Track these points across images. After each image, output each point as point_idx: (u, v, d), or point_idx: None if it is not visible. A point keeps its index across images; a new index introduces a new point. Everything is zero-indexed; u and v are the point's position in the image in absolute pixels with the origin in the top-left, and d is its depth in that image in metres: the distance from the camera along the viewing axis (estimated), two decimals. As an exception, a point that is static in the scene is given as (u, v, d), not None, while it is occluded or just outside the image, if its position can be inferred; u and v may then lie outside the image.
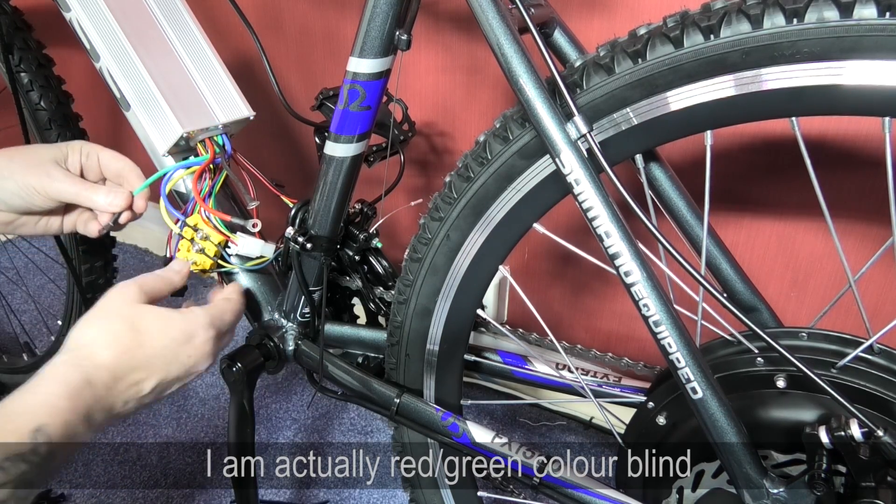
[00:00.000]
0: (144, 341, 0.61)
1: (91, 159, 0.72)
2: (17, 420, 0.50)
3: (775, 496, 0.56)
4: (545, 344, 0.81)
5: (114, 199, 0.71)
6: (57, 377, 0.54)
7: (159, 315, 0.63)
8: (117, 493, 1.19)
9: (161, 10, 0.79)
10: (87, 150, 0.72)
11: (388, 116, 0.84)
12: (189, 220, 0.74)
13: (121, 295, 0.63)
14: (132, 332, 0.60)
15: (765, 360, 0.61)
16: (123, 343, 0.59)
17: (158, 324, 0.62)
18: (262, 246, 0.75)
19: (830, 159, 0.89)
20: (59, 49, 1.13)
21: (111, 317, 0.61)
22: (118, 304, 0.62)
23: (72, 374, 0.55)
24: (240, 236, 0.74)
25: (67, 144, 0.71)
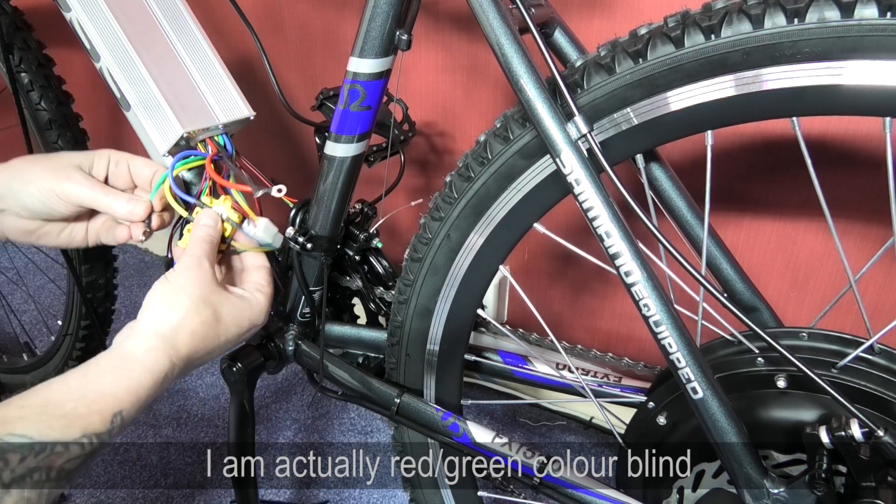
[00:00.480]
0: (221, 332, 0.62)
1: (120, 167, 0.70)
2: (103, 402, 0.51)
3: (776, 496, 0.56)
4: (545, 344, 0.81)
5: (134, 207, 0.68)
6: (147, 365, 0.55)
7: (235, 305, 0.64)
8: (117, 493, 1.19)
9: (161, 10, 0.79)
10: (116, 158, 0.70)
11: (389, 116, 0.84)
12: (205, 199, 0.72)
13: (201, 275, 0.62)
14: (215, 323, 0.61)
15: (765, 360, 0.61)
16: (206, 332, 0.60)
17: (234, 314, 0.63)
18: (276, 233, 0.74)
19: (830, 159, 0.89)
20: (59, 49, 1.12)
21: (198, 303, 0.60)
22: (202, 287, 0.61)
23: (161, 363, 0.56)
24: (260, 218, 0.73)
25: (95, 152, 0.69)
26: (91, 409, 0.50)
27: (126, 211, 0.68)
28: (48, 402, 0.49)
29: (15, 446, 0.46)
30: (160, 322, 0.58)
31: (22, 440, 0.46)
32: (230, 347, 0.65)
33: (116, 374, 0.53)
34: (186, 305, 0.59)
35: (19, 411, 0.48)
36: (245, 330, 0.65)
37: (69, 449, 0.48)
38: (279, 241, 0.75)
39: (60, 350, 1.29)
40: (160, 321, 0.58)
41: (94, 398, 0.51)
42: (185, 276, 0.61)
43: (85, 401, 0.50)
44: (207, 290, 0.61)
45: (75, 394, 0.51)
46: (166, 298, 0.60)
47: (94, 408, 0.50)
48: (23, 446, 0.46)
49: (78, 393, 0.51)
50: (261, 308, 0.66)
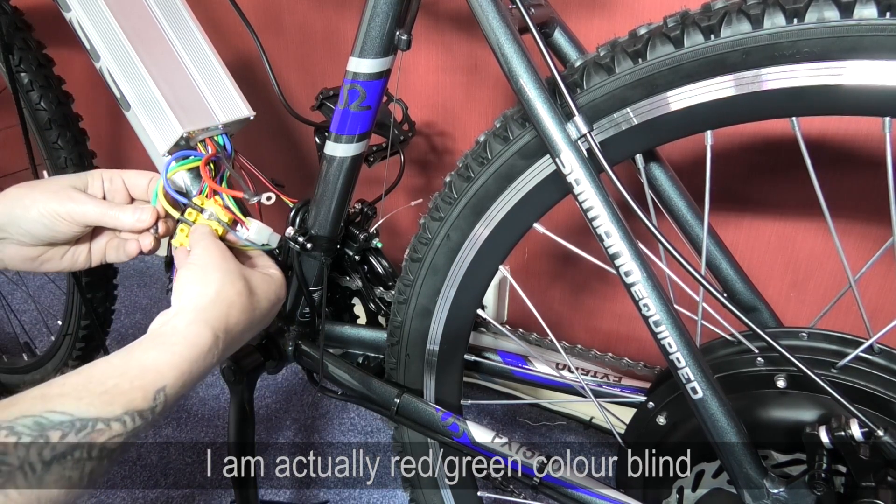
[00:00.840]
0: (255, 304, 0.62)
1: (115, 183, 0.70)
2: (145, 377, 0.50)
3: (775, 496, 0.56)
4: (545, 344, 0.81)
5: (140, 214, 0.68)
6: (190, 339, 0.54)
7: (262, 279, 0.65)
8: (117, 493, 1.19)
9: (161, 9, 0.79)
10: (108, 175, 0.69)
11: (388, 116, 0.84)
12: (196, 200, 0.72)
13: (223, 251, 0.63)
14: (250, 295, 0.61)
15: (765, 360, 0.61)
16: (243, 304, 0.60)
17: (264, 287, 0.64)
18: (271, 234, 0.74)
19: (830, 159, 0.89)
20: (59, 49, 1.12)
21: (231, 274, 0.60)
22: (230, 261, 0.62)
23: (204, 335, 0.55)
24: (252, 221, 0.73)
25: (87, 173, 0.69)
26: (133, 385, 0.49)
27: (134, 219, 0.68)
28: (90, 379, 0.48)
29: (55, 423, 0.45)
30: (199, 297, 0.58)
31: (63, 417, 0.45)
32: (265, 323, 0.65)
33: (159, 350, 0.52)
34: (220, 278, 0.59)
35: (60, 388, 0.47)
36: (273, 303, 0.65)
37: (111, 426, 0.47)
38: (275, 240, 0.75)
39: (60, 350, 1.29)
40: (198, 297, 0.58)
41: (136, 374, 0.50)
42: (208, 254, 0.62)
43: (127, 377, 0.49)
44: (234, 265, 0.62)
45: (117, 370, 0.50)
46: (198, 277, 0.60)
47: (137, 384, 0.49)
48: (63, 423, 0.45)
49: (120, 370, 0.50)
50: (281, 282, 0.67)
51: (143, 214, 0.68)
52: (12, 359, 1.42)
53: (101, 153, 1.20)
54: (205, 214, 0.71)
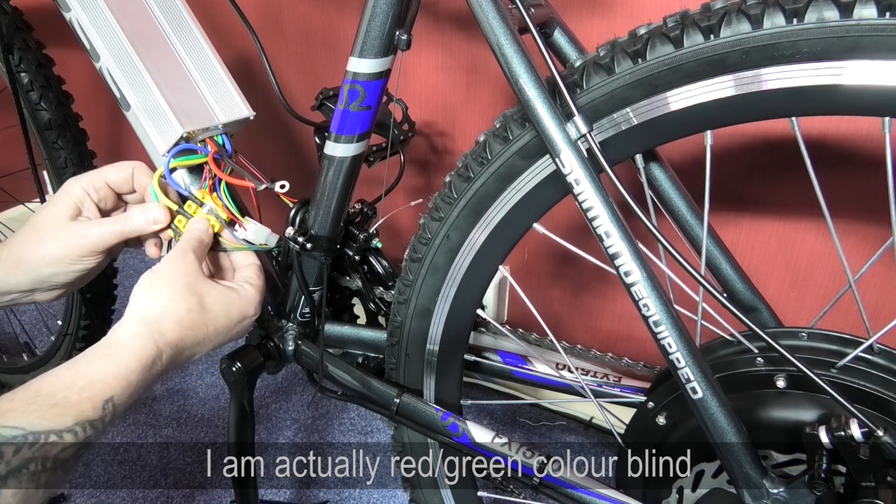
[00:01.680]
0: (208, 320, 0.62)
1: (101, 191, 0.69)
2: (93, 388, 0.51)
3: (775, 496, 0.56)
4: (545, 344, 0.81)
5: (150, 213, 0.68)
6: (134, 350, 0.55)
7: (222, 294, 0.64)
8: (117, 493, 1.19)
9: (161, 10, 0.79)
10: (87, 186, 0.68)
11: (388, 116, 0.84)
12: (197, 194, 0.71)
13: (185, 266, 0.63)
14: (200, 311, 0.61)
15: (765, 360, 0.61)
16: (192, 320, 0.60)
17: (222, 303, 0.63)
18: (269, 235, 0.74)
19: (830, 159, 0.89)
20: (59, 49, 1.12)
21: (182, 290, 0.61)
22: (186, 277, 0.62)
23: (147, 348, 0.56)
24: (249, 221, 0.73)
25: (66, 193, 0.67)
26: (82, 397, 0.50)
27: (151, 220, 0.68)
28: (39, 392, 0.49)
29: (8, 438, 0.46)
30: (145, 309, 0.59)
31: (15, 432, 0.46)
32: (223, 339, 0.65)
33: (104, 362, 0.54)
34: (170, 293, 0.60)
35: (10, 404, 0.48)
36: (235, 321, 0.65)
37: (63, 438, 0.48)
38: (273, 240, 0.75)
39: (60, 350, 1.29)
40: (145, 309, 0.59)
41: (84, 385, 0.51)
42: (169, 266, 0.62)
43: (75, 388, 0.50)
44: (192, 279, 0.62)
45: (65, 383, 0.51)
46: (150, 287, 0.61)
47: (85, 395, 0.50)
48: (16, 437, 0.46)
49: (67, 382, 0.51)
50: (250, 299, 0.67)
51: (154, 213, 0.68)
52: (12, 359, 1.42)
53: (101, 153, 1.20)
54: (204, 209, 0.71)
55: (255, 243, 0.73)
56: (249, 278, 0.69)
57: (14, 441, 0.46)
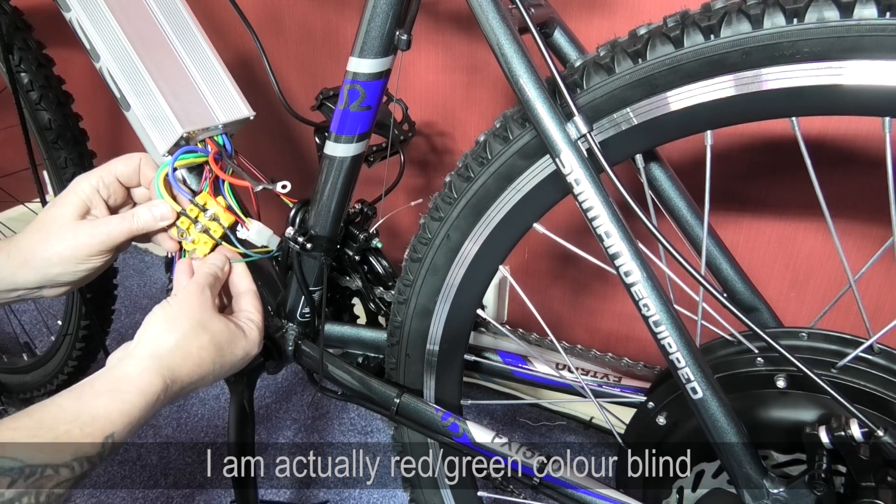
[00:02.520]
0: (216, 358, 0.62)
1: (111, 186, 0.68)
2: (94, 424, 0.51)
3: (775, 496, 0.56)
4: (545, 344, 0.81)
5: (157, 211, 0.68)
6: (141, 387, 0.55)
7: (232, 334, 0.64)
8: (117, 493, 1.19)
9: (161, 10, 0.79)
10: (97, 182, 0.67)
11: (388, 116, 0.84)
12: (198, 199, 0.71)
13: (201, 301, 0.63)
14: (211, 349, 0.61)
15: (765, 360, 0.61)
16: (202, 357, 0.61)
17: (230, 343, 0.64)
18: (270, 236, 0.74)
19: (830, 159, 0.89)
20: (59, 49, 1.12)
21: (196, 327, 0.61)
22: (201, 313, 0.62)
23: (154, 384, 0.56)
24: (252, 221, 0.73)
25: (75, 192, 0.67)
26: (84, 433, 0.50)
27: (158, 216, 0.68)
28: (41, 424, 0.49)
29: (6, 470, 0.46)
30: (157, 343, 0.59)
31: (13, 464, 0.46)
32: (225, 374, 0.65)
33: (111, 396, 0.53)
34: (184, 329, 0.60)
35: (11, 433, 0.48)
36: (239, 359, 0.65)
37: (59, 473, 0.48)
38: (274, 242, 0.75)
39: (60, 350, 1.29)
40: (157, 342, 0.59)
41: (87, 420, 0.51)
42: (186, 300, 0.62)
43: (77, 423, 0.50)
44: (207, 316, 0.62)
45: (68, 416, 0.50)
46: (165, 321, 0.60)
47: (87, 430, 0.50)
48: (13, 470, 0.46)
49: (71, 415, 0.51)
50: (254, 339, 0.67)
51: (160, 210, 0.69)
52: (12, 359, 1.42)
53: (101, 153, 1.20)
54: (206, 214, 0.71)
55: (257, 244, 0.73)
56: (250, 313, 0.69)
57: (10, 473, 0.46)
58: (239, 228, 0.72)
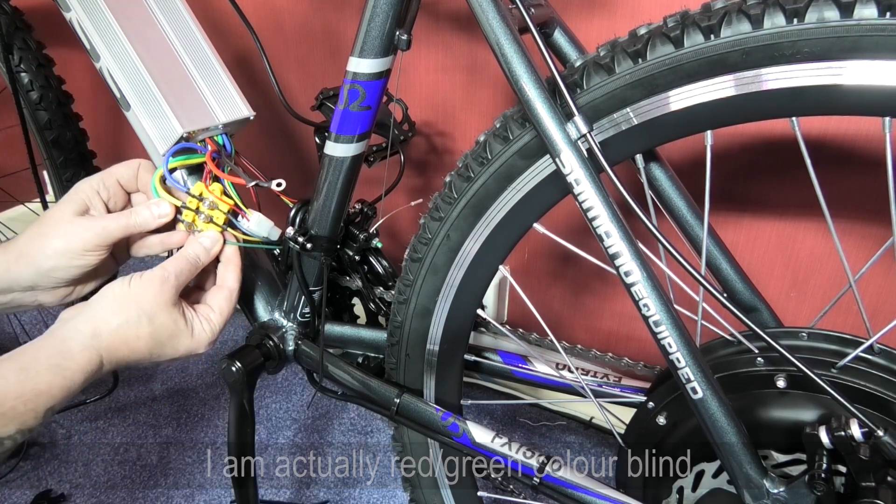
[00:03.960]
0: (153, 348, 0.64)
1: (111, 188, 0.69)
2: (37, 400, 0.54)
3: (775, 496, 0.56)
4: (545, 344, 0.81)
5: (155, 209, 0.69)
6: (82, 364, 0.58)
7: (177, 330, 0.65)
8: (117, 493, 1.19)
9: (161, 10, 0.79)
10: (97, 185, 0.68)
11: (388, 116, 0.84)
12: (193, 190, 0.71)
13: (158, 292, 0.63)
14: (149, 340, 0.63)
15: (765, 360, 0.61)
16: (138, 347, 0.62)
17: (174, 339, 0.65)
18: (272, 227, 0.75)
19: (830, 159, 0.89)
20: (59, 49, 1.13)
21: (141, 317, 0.62)
22: (152, 304, 0.63)
23: (93, 362, 0.59)
24: (252, 212, 0.73)
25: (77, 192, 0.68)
26: (27, 408, 0.53)
27: (156, 214, 0.69)
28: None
29: None
30: (103, 320, 0.60)
31: None
32: (164, 362, 0.67)
33: (53, 372, 0.56)
34: (129, 315, 0.61)
35: None
36: (179, 354, 0.66)
37: (3, 444, 0.52)
38: (276, 234, 0.75)
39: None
40: (103, 319, 0.61)
41: (31, 397, 0.54)
42: (143, 286, 0.63)
43: (22, 399, 0.53)
44: (157, 309, 0.63)
45: (14, 392, 0.53)
46: (118, 300, 0.62)
47: (30, 406, 0.54)
48: None
49: (16, 391, 0.53)
50: (201, 340, 0.67)
51: (159, 208, 0.69)
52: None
53: (101, 153, 1.20)
54: (204, 203, 0.71)
55: (257, 234, 0.73)
56: (211, 314, 0.69)
57: None
58: (239, 220, 0.72)
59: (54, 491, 1.18)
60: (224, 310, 0.70)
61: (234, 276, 0.72)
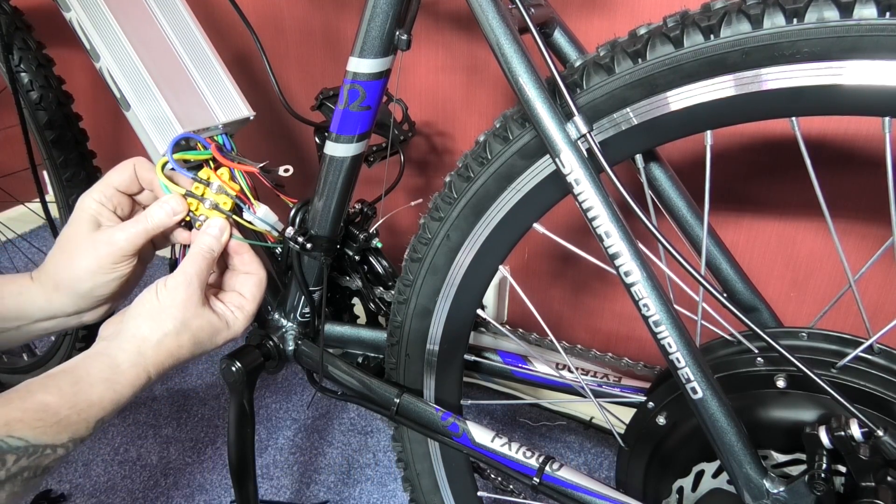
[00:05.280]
0: (195, 350, 0.66)
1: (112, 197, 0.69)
2: (90, 411, 0.56)
3: (775, 496, 0.56)
4: (545, 344, 0.81)
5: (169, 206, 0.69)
6: (131, 380, 0.60)
7: (214, 327, 0.67)
8: (117, 493, 1.19)
9: (161, 9, 0.80)
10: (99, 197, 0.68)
11: (388, 116, 0.84)
12: (200, 174, 0.71)
13: (188, 296, 0.65)
14: (191, 346, 0.66)
15: (765, 360, 0.61)
16: (181, 354, 0.65)
17: (210, 335, 0.67)
18: (276, 220, 0.75)
19: (830, 159, 0.89)
20: (59, 49, 1.13)
21: (179, 326, 0.64)
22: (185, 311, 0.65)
23: (141, 377, 0.61)
24: (259, 204, 0.73)
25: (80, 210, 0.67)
26: (80, 417, 0.56)
27: (170, 212, 0.69)
28: (46, 408, 0.54)
29: (13, 448, 0.51)
30: (144, 338, 0.62)
31: (19, 443, 0.51)
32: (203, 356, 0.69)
33: (105, 387, 0.58)
34: (168, 328, 0.63)
35: (20, 414, 0.52)
36: (219, 345, 0.69)
37: (56, 452, 0.54)
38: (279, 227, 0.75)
39: (60, 350, 1.29)
40: (144, 337, 0.63)
41: (84, 408, 0.56)
42: (171, 295, 0.64)
43: (76, 409, 0.56)
44: (190, 314, 0.65)
45: (69, 402, 0.55)
46: (152, 315, 0.64)
47: (83, 416, 0.56)
48: (19, 449, 0.51)
49: (71, 401, 0.56)
50: (237, 329, 0.70)
51: (171, 205, 0.69)
52: (12, 359, 1.42)
53: (101, 153, 1.20)
54: (212, 187, 0.71)
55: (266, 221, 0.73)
56: (243, 301, 0.71)
57: (17, 451, 0.51)
58: (246, 210, 0.72)
59: (54, 491, 1.19)
60: (256, 295, 0.72)
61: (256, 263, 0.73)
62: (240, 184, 0.72)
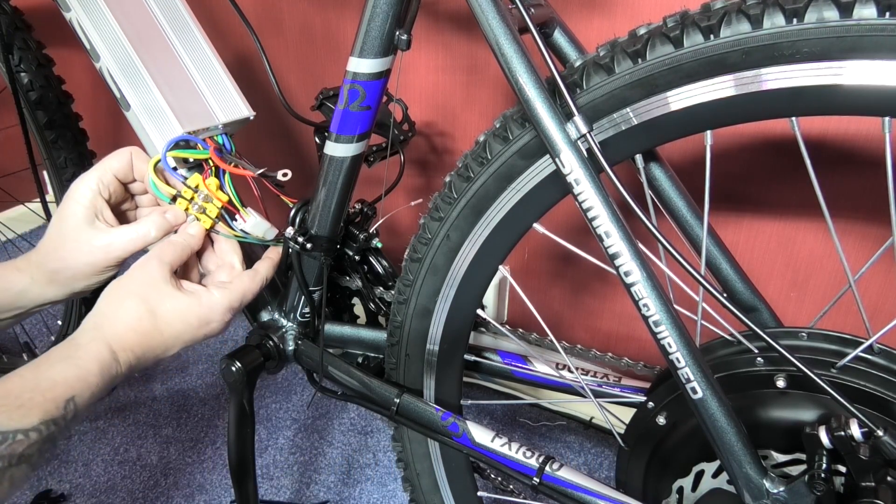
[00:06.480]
0: (162, 327, 0.64)
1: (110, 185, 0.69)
2: (54, 390, 0.55)
3: (775, 496, 0.56)
4: (545, 344, 0.81)
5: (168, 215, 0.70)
6: (91, 354, 0.59)
7: (179, 301, 0.65)
8: (117, 493, 1.19)
9: (161, 10, 0.79)
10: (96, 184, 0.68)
11: (388, 116, 0.84)
12: (190, 182, 0.72)
13: (144, 273, 0.65)
14: (150, 317, 0.63)
15: (765, 360, 0.61)
16: (143, 327, 0.63)
17: (176, 311, 0.65)
18: (268, 228, 0.75)
19: (830, 159, 0.89)
20: (59, 49, 1.13)
21: (133, 297, 0.64)
22: (140, 284, 0.64)
23: (103, 352, 0.59)
24: (250, 213, 0.73)
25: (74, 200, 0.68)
26: (46, 398, 0.54)
27: (171, 218, 0.70)
28: (7, 394, 0.53)
29: None
30: (100, 315, 0.63)
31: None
32: (187, 341, 0.67)
33: (65, 363, 0.57)
34: (123, 302, 0.63)
35: None
36: (194, 326, 0.66)
37: (29, 436, 0.52)
38: (272, 234, 0.76)
39: (60, 350, 1.29)
40: (100, 315, 0.63)
41: (47, 387, 0.55)
42: (130, 275, 0.65)
43: (39, 389, 0.54)
44: (148, 288, 0.64)
45: (30, 384, 0.55)
46: (109, 294, 0.64)
47: (49, 396, 0.54)
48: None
49: (32, 384, 0.55)
50: (212, 305, 0.67)
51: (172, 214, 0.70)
52: (12, 359, 1.42)
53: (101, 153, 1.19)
54: (199, 195, 0.72)
55: (252, 235, 0.73)
56: (222, 282, 0.71)
57: None
58: (236, 219, 0.73)
59: (54, 491, 1.19)
60: (244, 281, 0.71)
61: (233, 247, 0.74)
62: (228, 194, 0.72)
